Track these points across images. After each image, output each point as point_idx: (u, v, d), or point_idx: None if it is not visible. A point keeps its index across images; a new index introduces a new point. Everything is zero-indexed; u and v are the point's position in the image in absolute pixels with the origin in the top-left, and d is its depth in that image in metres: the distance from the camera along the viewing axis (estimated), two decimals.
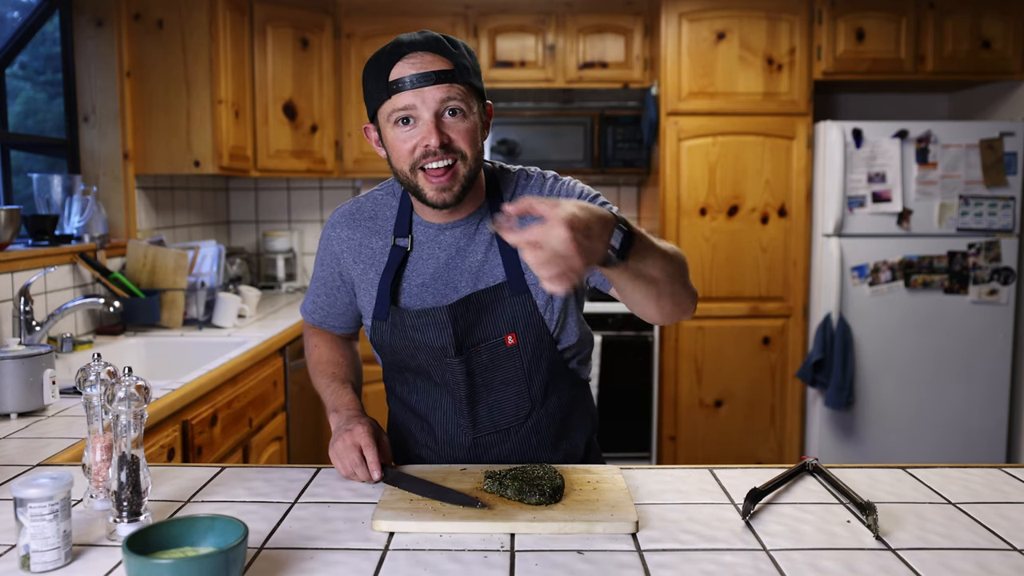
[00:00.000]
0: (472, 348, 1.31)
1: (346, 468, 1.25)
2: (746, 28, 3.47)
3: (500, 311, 1.31)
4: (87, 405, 1.16)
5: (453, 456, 1.40)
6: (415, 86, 1.20)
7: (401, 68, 1.21)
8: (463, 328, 1.30)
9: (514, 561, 1.00)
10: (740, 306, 3.58)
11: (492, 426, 1.36)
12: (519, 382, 1.34)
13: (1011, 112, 3.62)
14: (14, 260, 2.33)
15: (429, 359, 1.33)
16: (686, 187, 3.51)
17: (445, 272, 1.33)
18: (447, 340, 1.30)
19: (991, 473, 1.31)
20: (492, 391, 1.34)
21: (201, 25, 3.01)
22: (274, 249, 3.97)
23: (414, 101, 1.21)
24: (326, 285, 1.45)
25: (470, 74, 1.24)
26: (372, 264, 1.37)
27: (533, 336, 1.32)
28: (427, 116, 1.21)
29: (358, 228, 1.40)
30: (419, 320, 1.31)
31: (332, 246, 1.42)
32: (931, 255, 3.44)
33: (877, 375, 3.48)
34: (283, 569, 0.98)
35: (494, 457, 1.39)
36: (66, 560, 0.99)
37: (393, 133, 1.24)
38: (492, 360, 1.32)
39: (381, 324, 1.35)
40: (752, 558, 1.00)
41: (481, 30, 3.68)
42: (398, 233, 1.35)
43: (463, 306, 1.30)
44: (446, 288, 1.32)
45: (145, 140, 3.05)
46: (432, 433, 1.40)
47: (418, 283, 1.33)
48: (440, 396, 1.37)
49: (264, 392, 2.60)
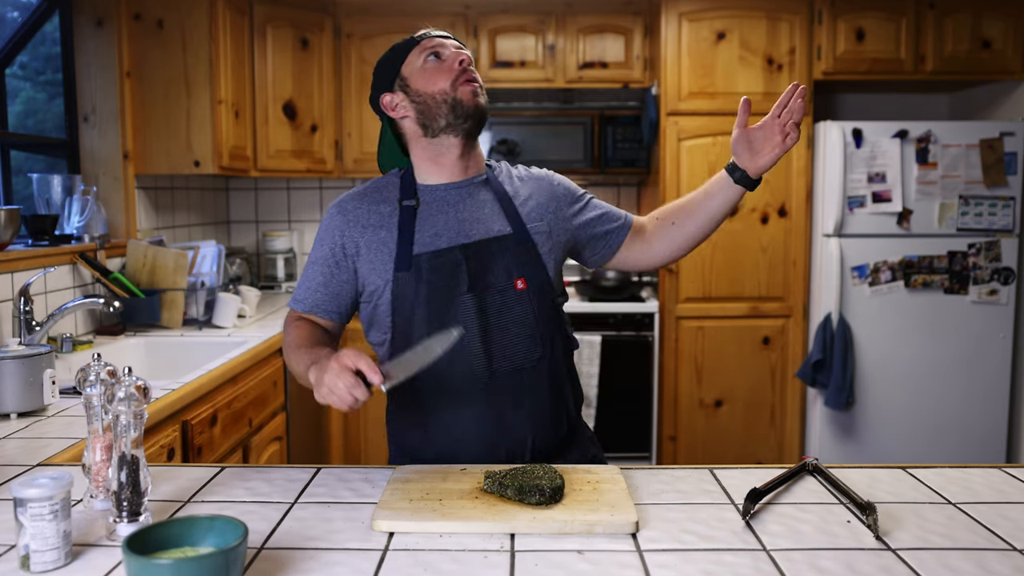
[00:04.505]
0: (485, 289, 1.42)
1: (343, 395, 1.16)
2: (746, 28, 3.47)
3: (509, 258, 1.44)
4: (87, 405, 1.16)
5: (470, 400, 1.41)
6: (440, 36, 1.47)
7: (423, 34, 1.48)
8: (476, 269, 1.41)
9: (514, 561, 1.00)
10: (740, 306, 3.58)
11: (507, 363, 1.42)
12: (529, 325, 1.44)
13: (1011, 112, 3.62)
14: (14, 260, 2.33)
15: (446, 300, 1.41)
16: (686, 187, 3.51)
17: (455, 223, 1.45)
18: (462, 278, 1.41)
19: (991, 473, 1.31)
20: (504, 332, 1.43)
21: (201, 25, 3.01)
22: (274, 249, 3.97)
23: (439, 43, 1.45)
24: (324, 264, 1.47)
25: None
26: (383, 225, 1.45)
27: (537, 283, 1.45)
28: (452, 50, 1.45)
29: (364, 200, 1.49)
30: (436, 261, 1.41)
31: (335, 221, 1.47)
32: (931, 255, 3.44)
33: (877, 375, 3.48)
34: (283, 569, 0.98)
35: (512, 401, 1.42)
36: (66, 560, 0.99)
37: (426, 68, 1.44)
38: (504, 302, 1.43)
39: (404, 275, 1.41)
40: (752, 558, 1.00)
41: (481, 30, 3.68)
42: (404, 197, 1.47)
43: (475, 248, 1.43)
44: (457, 236, 1.44)
45: (145, 140, 3.05)
46: (448, 389, 1.42)
47: (431, 233, 1.44)
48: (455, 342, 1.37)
49: (264, 392, 2.60)
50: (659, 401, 3.60)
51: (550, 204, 1.52)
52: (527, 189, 1.52)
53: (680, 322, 3.57)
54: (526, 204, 1.50)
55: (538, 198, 1.52)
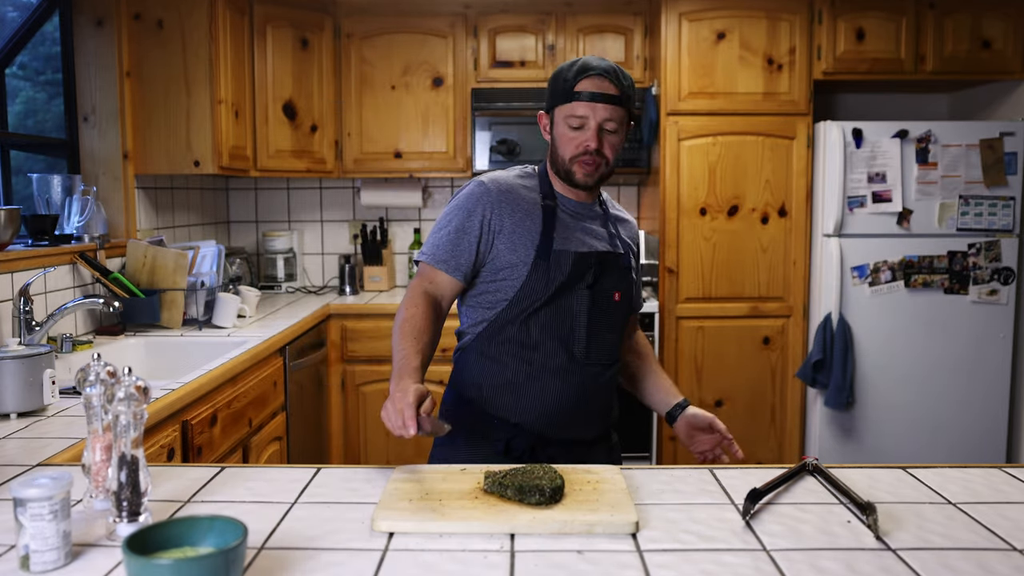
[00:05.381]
0: (599, 290, 1.64)
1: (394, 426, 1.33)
2: (746, 28, 3.47)
3: (617, 272, 1.67)
4: (87, 405, 1.16)
5: (552, 386, 1.61)
6: (593, 100, 1.57)
7: (585, 84, 1.58)
8: (599, 273, 1.64)
9: (514, 561, 1.00)
10: (740, 306, 3.57)
11: (596, 358, 1.64)
12: (616, 330, 1.68)
13: (1011, 112, 3.62)
14: (14, 260, 2.33)
15: (568, 291, 1.61)
16: (686, 187, 3.51)
17: (581, 232, 1.66)
18: (591, 276, 1.62)
19: (991, 473, 1.31)
20: (601, 330, 1.65)
21: (201, 25, 3.01)
22: (274, 249, 3.97)
23: (587, 113, 1.58)
24: (463, 232, 1.62)
25: (631, 102, 1.62)
26: (529, 214, 1.64)
27: (627, 301, 1.70)
28: (592, 125, 1.59)
29: (511, 189, 1.67)
30: (577, 260, 1.61)
31: (485, 198, 1.63)
32: (931, 255, 3.44)
33: (877, 375, 3.48)
34: (283, 569, 0.98)
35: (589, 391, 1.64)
36: (66, 560, 0.99)
37: (564, 129, 1.61)
38: (607, 306, 1.65)
39: (543, 263, 1.60)
40: (752, 558, 1.00)
41: (481, 30, 3.68)
42: (545, 196, 1.67)
43: (603, 257, 1.65)
44: (581, 245, 1.64)
45: (145, 140, 3.05)
46: (544, 364, 1.61)
47: (563, 236, 1.64)
48: (563, 326, 1.62)
49: (264, 392, 2.60)
50: None
51: (632, 245, 1.76)
52: (623, 226, 1.77)
53: (680, 322, 3.57)
54: (620, 235, 1.74)
55: (626, 235, 1.76)
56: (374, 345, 3.50)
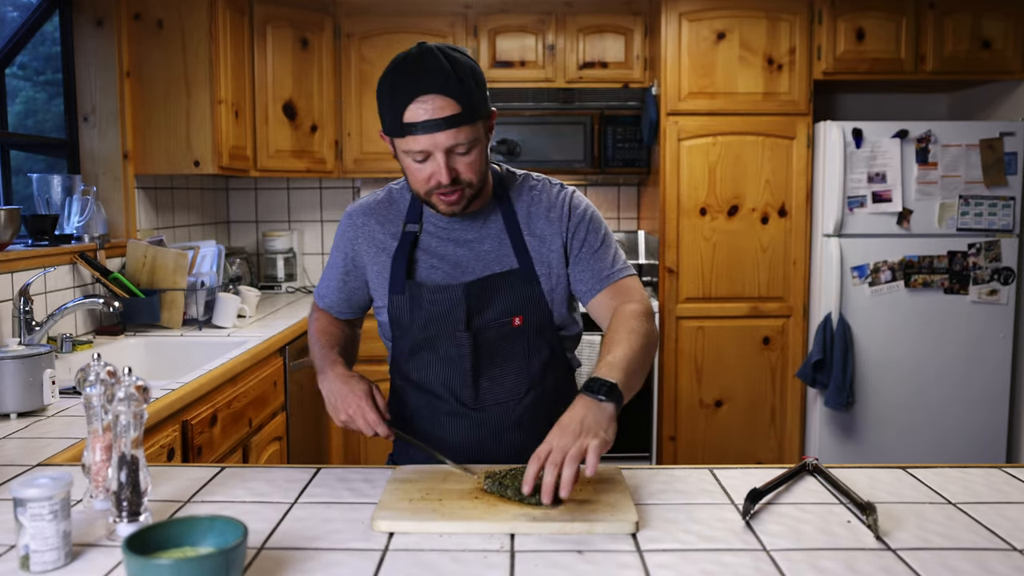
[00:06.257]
0: (481, 326, 1.44)
1: (348, 414, 1.36)
2: (746, 28, 3.47)
3: (511, 294, 1.45)
4: (87, 405, 1.16)
5: (455, 428, 1.49)
6: (428, 131, 1.28)
7: (414, 111, 1.28)
8: (475, 306, 1.43)
9: (514, 561, 0.99)
10: (740, 306, 3.57)
11: (492, 399, 1.47)
12: (520, 359, 1.47)
13: (1011, 112, 3.62)
14: (14, 260, 2.33)
15: (440, 331, 1.45)
16: (686, 187, 3.51)
17: (455, 256, 1.46)
18: (460, 315, 1.43)
19: (991, 473, 1.31)
20: (495, 366, 1.47)
21: (201, 25, 3.01)
22: (274, 249, 3.97)
23: (427, 146, 1.30)
24: (339, 271, 1.56)
25: (477, 110, 1.32)
26: (384, 248, 1.49)
27: (537, 319, 1.46)
28: (439, 157, 1.31)
29: (372, 216, 1.52)
30: (436, 295, 1.43)
31: (348, 233, 1.53)
32: (931, 255, 3.44)
33: (877, 375, 3.48)
34: (283, 569, 0.97)
35: (494, 431, 1.49)
36: (66, 560, 0.98)
37: (407, 161, 1.35)
38: (499, 337, 1.45)
39: (399, 298, 1.46)
40: (752, 558, 1.00)
41: (481, 30, 3.68)
42: (408, 220, 1.49)
43: (477, 286, 1.43)
44: (455, 270, 1.46)
45: (145, 140, 3.05)
46: (437, 407, 1.50)
47: (428, 264, 1.47)
48: (445, 370, 1.47)
49: (264, 392, 2.60)
50: (659, 401, 3.60)
51: (555, 237, 1.46)
52: (538, 219, 1.47)
53: (680, 322, 3.57)
54: (529, 239, 1.46)
55: (544, 230, 1.47)
56: (373, 345, 3.46)
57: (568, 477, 1.10)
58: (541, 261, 1.46)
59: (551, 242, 1.47)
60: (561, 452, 1.12)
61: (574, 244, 1.48)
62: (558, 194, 1.50)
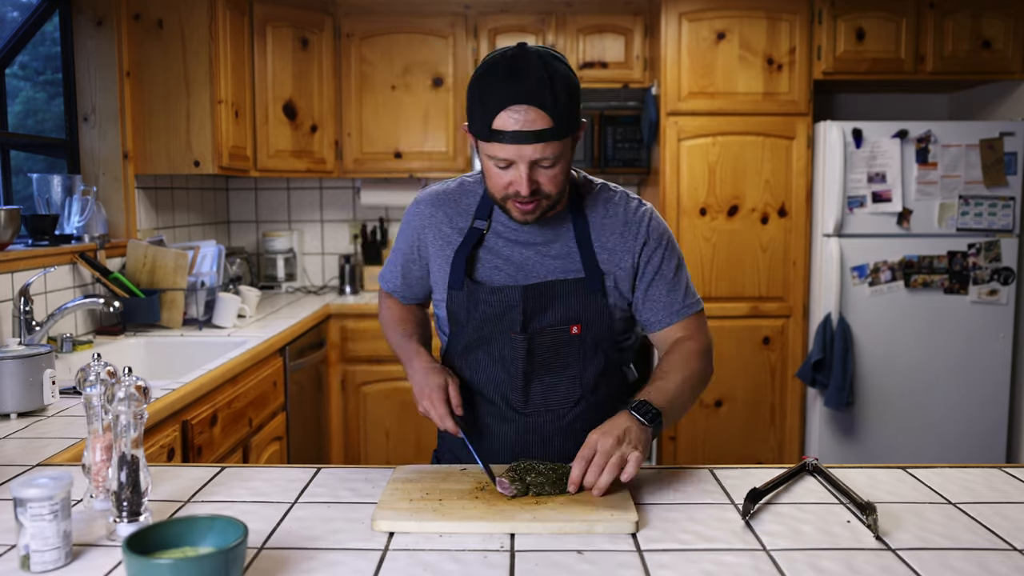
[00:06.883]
0: (538, 330, 1.42)
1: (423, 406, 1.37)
2: (746, 28, 3.47)
3: (572, 302, 1.42)
4: (87, 405, 1.16)
5: (502, 432, 1.48)
6: (515, 142, 1.26)
7: (504, 119, 1.25)
8: (532, 309, 1.41)
9: (514, 561, 1.00)
10: (740, 306, 3.57)
11: (544, 405, 1.46)
12: (574, 367, 1.46)
13: (1011, 112, 3.62)
14: (14, 260, 2.33)
15: (495, 332, 1.44)
16: (686, 187, 3.51)
17: (520, 258, 1.44)
18: (517, 317, 1.41)
19: (991, 473, 1.31)
20: (548, 371, 1.45)
21: (201, 25, 3.01)
22: (274, 249, 3.97)
23: (512, 155, 1.28)
24: (404, 257, 1.55)
25: (568, 125, 1.28)
26: (449, 242, 1.47)
27: (595, 330, 1.44)
28: (522, 168, 1.28)
29: (441, 207, 1.49)
30: (494, 296, 1.42)
31: (415, 221, 1.51)
32: (931, 255, 3.44)
33: (877, 375, 3.48)
34: (283, 569, 0.98)
35: (541, 437, 1.47)
36: (66, 560, 0.98)
37: (489, 165, 1.33)
38: (554, 344, 1.44)
39: (457, 294, 1.45)
40: (752, 558, 1.00)
41: (481, 30, 3.68)
42: (478, 216, 1.46)
43: (537, 290, 1.41)
44: (518, 272, 1.43)
45: (145, 140, 3.05)
46: (485, 408, 1.49)
47: (492, 265, 1.44)
48: (498, 371, 1.46)
49: (264, 392, 2.60)
50: None
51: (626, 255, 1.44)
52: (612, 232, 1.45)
53: None
54: (599, 251, 1.43)
55: (616, 245, 1.44)
56: (374, 345, 3.50)
57: (605, 484, 1.16)
58: (608, 274, 1.43)
59: (621, 258, 1.44)
60: (605, 456, 1.18)
61: (647, 269, 1.46)
62: (636, 210, 1.47)
